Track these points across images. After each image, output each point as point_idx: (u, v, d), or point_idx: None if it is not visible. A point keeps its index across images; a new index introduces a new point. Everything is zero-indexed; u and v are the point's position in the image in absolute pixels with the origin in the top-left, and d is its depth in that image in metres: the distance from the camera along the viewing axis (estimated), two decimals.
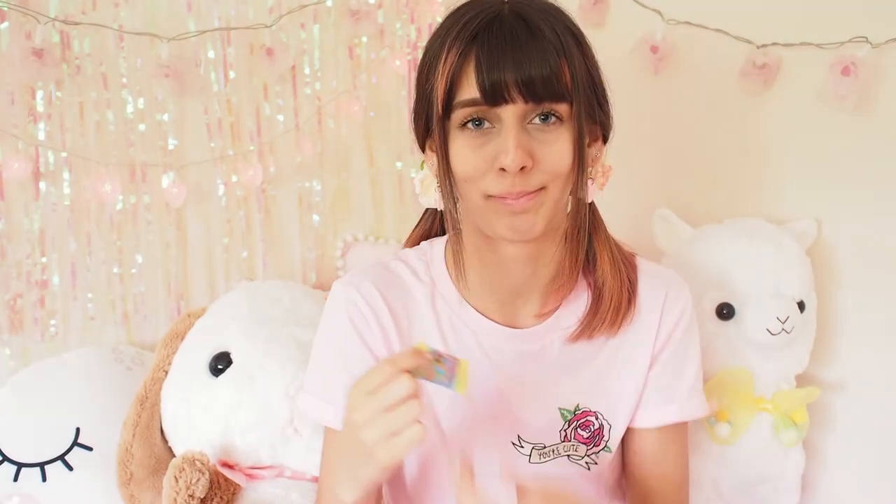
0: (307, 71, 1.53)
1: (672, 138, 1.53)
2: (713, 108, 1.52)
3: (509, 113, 0.90)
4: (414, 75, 1.61)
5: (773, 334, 1.36)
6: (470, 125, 0.93)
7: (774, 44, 1.45)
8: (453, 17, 0.94)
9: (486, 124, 0.92)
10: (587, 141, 0.95)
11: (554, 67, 0.89)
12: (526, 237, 0.95)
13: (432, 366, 0.86)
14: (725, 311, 1.39)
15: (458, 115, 0.93)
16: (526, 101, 0.90)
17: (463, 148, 0.93)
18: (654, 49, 1.46)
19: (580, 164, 0.94)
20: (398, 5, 1.52)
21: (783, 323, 1.36)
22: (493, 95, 0.89)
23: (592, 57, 0.97)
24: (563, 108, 0.92)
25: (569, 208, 0.99)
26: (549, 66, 0.89)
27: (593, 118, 0.97)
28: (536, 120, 0.92)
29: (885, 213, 1.48)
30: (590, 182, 0.99)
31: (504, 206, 0.93)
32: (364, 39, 1.53)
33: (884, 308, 1.50)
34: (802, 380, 1.46)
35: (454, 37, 0.91)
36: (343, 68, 1.53)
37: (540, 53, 0.89)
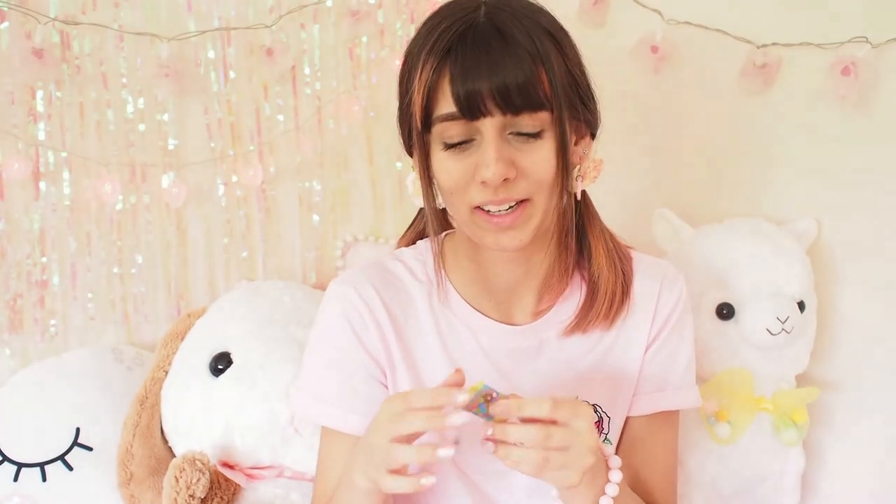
0: (307, 71, 1.52)
1: (672, 138, 1.53)
2: (713, 108, 1.51)
3: (488, 125, 0.89)
4: None
5: (772, 334, 1.36)
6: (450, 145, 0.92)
7: (774, 44, 1.45)
8: (429, 25, 0.93)
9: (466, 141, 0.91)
10: (573, 140, 0.94)
11: (530, 76, 0.88)
12: (513, 251, 0.95)
13: (478, 402, 0.85)
14: (725, 311, 1.39)
15: (437, 130, 0.92)
16: (504, 113, 0.88)
17: (445, 161, 0.93)
18: (654, 49, 1.46)
19: (565, 170, 0.93)
20: (398, 5, 1.52)
21: (783, 323, 1.36)
22: (470, 109, 0.88)
23: (575, 56, 0.95)
24: (543, 117, 0.90)
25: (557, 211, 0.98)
26: (525, 75, 0.88)
27: (578, 118, 0.95)
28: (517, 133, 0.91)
29: (885, 213, 1.48)
30: (578, 180, 0.98)
31: (490, 222, 0.93)
32: (364, 39, 1.53)
33: (883, 308, 1.50)
34: (802, 380, 1.46)
35: (428, 49, 0.90)
36: (343, 68, 1.53)
37: (515, 62, 0.87)
